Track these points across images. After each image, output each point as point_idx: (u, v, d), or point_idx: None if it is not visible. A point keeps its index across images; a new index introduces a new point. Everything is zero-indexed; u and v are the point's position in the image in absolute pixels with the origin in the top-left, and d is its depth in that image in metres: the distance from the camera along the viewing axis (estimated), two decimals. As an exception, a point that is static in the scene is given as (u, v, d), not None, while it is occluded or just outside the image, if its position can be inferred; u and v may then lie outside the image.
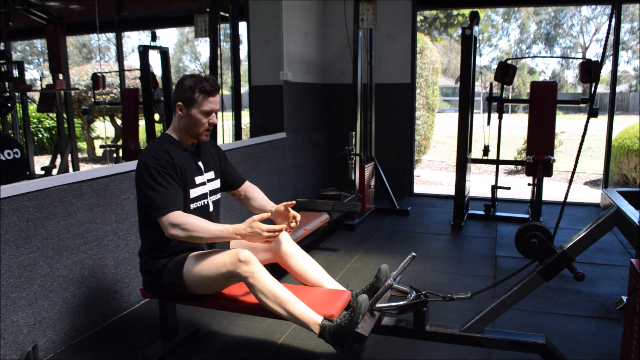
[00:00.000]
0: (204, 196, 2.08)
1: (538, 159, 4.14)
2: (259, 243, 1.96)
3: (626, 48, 21.82)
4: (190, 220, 1.88)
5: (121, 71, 5.93)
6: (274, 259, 2.23)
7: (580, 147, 2.12)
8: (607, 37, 2.15)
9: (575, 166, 2.13)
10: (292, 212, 2.12)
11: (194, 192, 2.03)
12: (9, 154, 2.52)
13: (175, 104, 2.00)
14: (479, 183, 7.09)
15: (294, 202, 2.12)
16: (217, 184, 2.18)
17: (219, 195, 2.20)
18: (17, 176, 2.89)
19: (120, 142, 5.41)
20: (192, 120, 1.98)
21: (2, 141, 2.63)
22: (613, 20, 4.68)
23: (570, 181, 2.13)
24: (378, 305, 1.91)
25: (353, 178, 4.39)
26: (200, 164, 2.09)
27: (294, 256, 2.21)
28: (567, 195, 2.16)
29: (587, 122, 2.12)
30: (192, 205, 2.03)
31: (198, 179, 2.05)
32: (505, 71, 4.42)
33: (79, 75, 6.98)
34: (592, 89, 3.94)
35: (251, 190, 2.32)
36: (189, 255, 2.00)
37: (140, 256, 2.09)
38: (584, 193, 6.84)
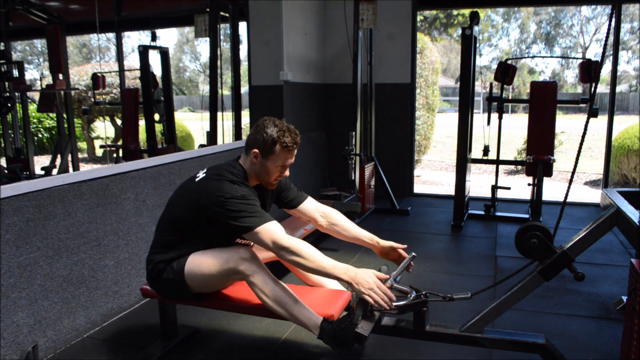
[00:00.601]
0: None
1: (538, 159, 4.14)
2: (363, 293, 1.78)
3: (626, 48, 21.82)
4: (301, 244, 1.81)
5: (121, 71, 5.92)
6: (276, 258, 2.23)
7: (580, 147, 2.11)
8: (607, 37, 2.15)
9: (575, 166, 2.12)
10: (403, 253, 2.04)
11: None
12: None
13: (250, 150, 1.95)
14: (479, 183, 7.09)
15: (405, 246, 2.04)
16: None
17: None
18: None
19: (120, 142, 5.41)
20: (264, 170, 1.96)
21: None
22: (613, 20, 4.68)
23: (570, 181, 2.13)
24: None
25: (353, 178, 4.39)
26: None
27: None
28: (567, 195, 2.16)
29: (587, 122, 2.12)
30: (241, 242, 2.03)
31: None
32: (505, 71, 4.42)
33: (79, 75, 6.97)
34: (592, 89, 3.94)
35: (326, 212, 2.18)
36: (191, 253, 2.00)
37: (152, 249, 2.07)
38: (584, 193, 6.84)
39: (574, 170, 2.11)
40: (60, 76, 4.64)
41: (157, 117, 4.90)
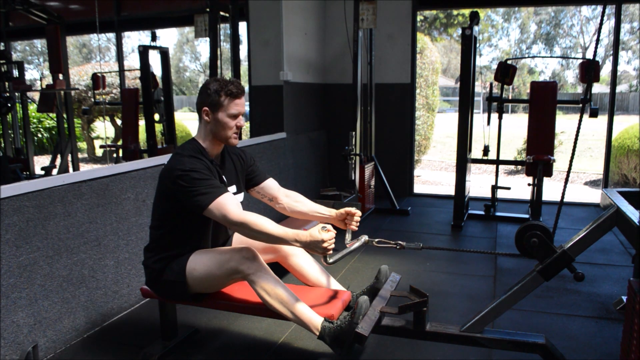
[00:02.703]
0: None
1: (538, 159, 4.14)
2: (318, 253, 1.87)
3: (626, 48, 21.83)
4: (251, 216, 1.83)
5: (121, 71, 5.92)
6: (275, 259, 2.23)
7: (574, 147, 2.12)
8: (598, 34, 2.16)
9: (570, 166, 2.13)
10: (353, 210, 2.08)
11: None
12: None
13: (201, 110, 1.97)
14: (479, 183, 7.09)
15: (359, 212, 2.08)
16: (239, 197, 2.14)
17: None
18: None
19: (120, 142, 5.41)
20: (219, 125, 1.96)
21: None
22: (606, 18, 4.68)
23: (566, 181, 2.13)
24: (331, 260, 1.94)
25: (353, 178, 4.39)
26: (224, 177, 2.06)
27: (295, 256, 2.21)
28: (563, 194, 2.16)
29: (580, 121, 2.13)
30: None
31: None
32: (505, 71, 4.42)
33: (79, 75, 6.97)
34: (588, 89, 3.94)
35: (290, 193, 2.23)
36: (192, 253, 2.00)
37: (145, 252, 2.08)
38: (584, 193, 6.84)
39: (569, 169, 2.12)
40: (60, 76, 4.64)
41: (157, 117, 4.90)
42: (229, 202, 1.84)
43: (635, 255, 1.65)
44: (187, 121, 8.76)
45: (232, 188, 2.10)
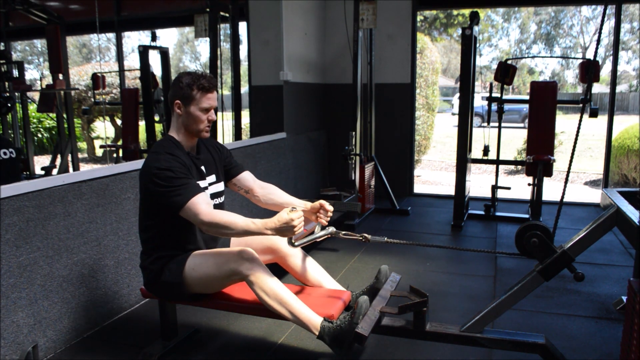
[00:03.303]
0: None
1: (538, 159, 4.14)
2: (289, 236, 1.86)
3: (626, 48, 21.83)
4: (219, 215, 1.84)
5: (121, 71, 5.92)
6: (275, 259, 2.23)
7: (574, 148, 2.12)
8: (599, 34, 2.16)
9: (570, 166, 2.13)
10: (327, 205, 2.09)
11: None
12: (4, 153, 2.58)
13: (173, 103, 1.99)
14: (479, 183, 7.09)
15: (332, 208, 2.09)
16: (220, 186, 2.16)
17: (222, 199, 2.18)
18: (16, 174, 2.96)
19: (120, 142, 5.41)
20: (191, 118, 1.97)
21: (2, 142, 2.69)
22: (606, 18, 4.69)
23: (566, 181, 2.13)
24: (297, 242, 1.96)
25: (353, 178, 4.39)
26: (202, 168, 2.07)
27: (294, 256, 2.21)
28: (563, 194, 2.16)
29: (580, 121, 2.13)
30: None
31: (201, 183, 2.03)
32: (505, 71, 4.42)
33: (79, 75, 6.97)
34: (588, 89, 3.93)
35: (265, 185, 2.25)
36: (190, 254, 2.00)
37: (141, 255, 2.09)
38: (584, 193, 6.84)
39: (569, 169, 2.12)
40: (60, 76, 4.64)
41: (157, 117, 4.90)
42: (201, 202, 1.85)
43: (636, 255, 1.65)
44: (187, 121, 8.74)
45: (212, 177, 2.12)
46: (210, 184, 2.10)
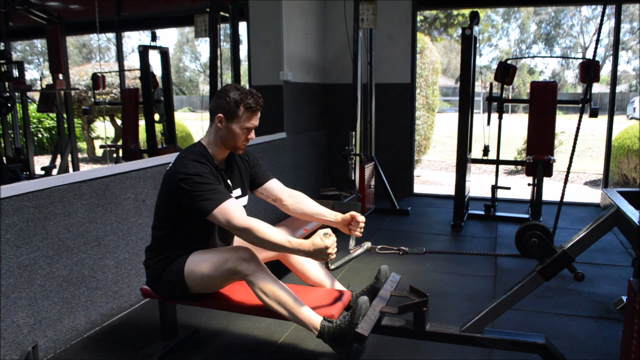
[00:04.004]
0: None
1: (538, 159, 4.14)
2: (322, 260, 1.89)
3: (626, 48, 21.83)
4: (256, 224, 1.83)
5: (121, 71, 5.92)
6: (277, 257, 2.24)
7: (574, 148, 2.12)
8: (598, 34, 2.16)
9: (570, 166, 2.13)
10: (358, 217, 2.09)
11: None
12: None
13: (215, 115, 1.95)
14: (479, 183, 7.09)
15: (364, 219, 2.09)
16: (244, 200, 2.15)
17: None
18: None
19: (120, 142, 5.41)
20: (231, 134, 1.95)
21: None
22: (606, 18, 4.69)
23: (566, 181, 2.13)
24: (333, 266, 1.97)
25: (353, 178, 4.39)
26: (228, 181, 2.06)
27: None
28: (563, 194, 2.17)
29: (580, 121, 2.13)
30: None
31: None
32: (505, 71, 4.42)
33: (79, 75, 6.97)
34: (588, 89, 3.93)
35: (294, 194, 2.22)
36: (191, 254, 2.00)
37: (147, 252, 2.08)
38: (584, 193, 6.84)
39: (569, 169, 2.12)
40: (60, 76, 4.64)
41: (157, 117, 4.90)
42: (234, 208, 1.84)
43: (636, 256, 1.65)
44: (187, 121, 8.76)
45: (237, 191, 2.11)
46: (235, 198, 2.07)
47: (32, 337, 2.17)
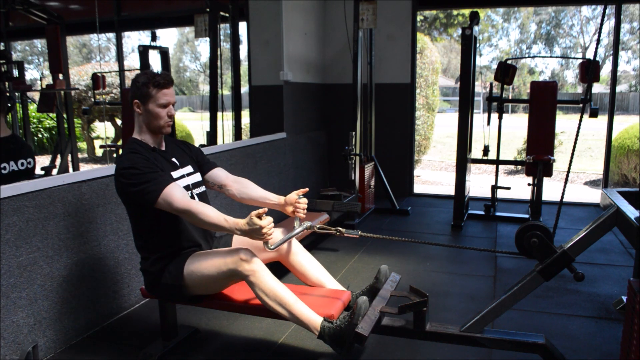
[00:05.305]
0: (186, 188, 2.08)
1: (538, 159, 4.14)
2: (259, 240, 1.91)
3: (626, 48, 21.82)
4: (194, 204, 1.88)
5: (121, 71, 5.92)
6: (276, 258, 2.24)
7: (574, 148, 2.12)
8: (599, 34, 2.16)
9: (570, 166, 2.13)
10: (300, 199, 2.12)
11: None
12: (22, 164, 2.47)
13: (132, 103, 2.02)
14: (479, 183, 7.09)
15: (307, 189, 2.14)
16: (197, 177, 2.19)
17: (203, 188, 2.20)
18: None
19: (120, 142, 5.41)
20: (151, 115, 2.00)
21: (23, 151, 2.52)
22: (606, 18, 4.69)
23: (566, 181, 2.14)
24: (272, 246, 1.98)
25: (353, 178, 4.39)
26: (173, 159, 2.11)
27: (296, 254, 2.21)
28: (563, 194, 2.17)
29: (580, 121, 2.13)
30: None
31: (175, 174, 2.06)
32: (505, 71, 4.42)
33: (79, 75, 6.98)
34: (588, 89, 3.93)
35: (239, 179, 2.28)
36: (190, 256, 2.00)
37: (141, 260, 2.11)
38: (584, 193, 6.84)
39: (569, 169, 2.12)
40: (60, 76, 4.64)
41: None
42: (174, 192, 1.89)
43: (636, 255, 1.65)
44: (187, 121, 8.77)
45: (188, 168, 2.15)
46: (187, 174, 2.13)
47: (32, 337, 2.17)
